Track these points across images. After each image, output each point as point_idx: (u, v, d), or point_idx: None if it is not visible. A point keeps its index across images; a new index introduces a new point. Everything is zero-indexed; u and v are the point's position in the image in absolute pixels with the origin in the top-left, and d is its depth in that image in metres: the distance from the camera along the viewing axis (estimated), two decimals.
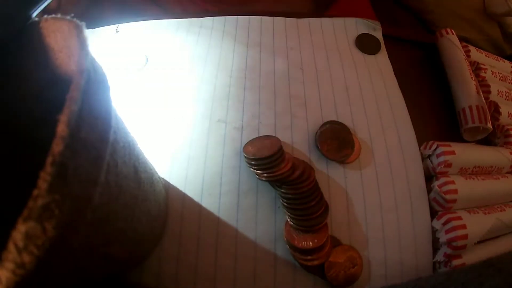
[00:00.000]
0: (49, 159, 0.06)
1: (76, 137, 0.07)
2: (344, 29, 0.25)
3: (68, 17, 0.11)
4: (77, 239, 0.09)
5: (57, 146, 0.06)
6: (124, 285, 0.17)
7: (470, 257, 0.18)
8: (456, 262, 0.17)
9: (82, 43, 0.09)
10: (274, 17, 0.24)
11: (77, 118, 0.07)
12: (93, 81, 0.08)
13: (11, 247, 0.06)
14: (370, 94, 0.22)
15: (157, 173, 0.17)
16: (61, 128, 0.06)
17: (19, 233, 0.06)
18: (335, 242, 0.18)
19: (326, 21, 0.25)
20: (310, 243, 0.17)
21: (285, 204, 0.17)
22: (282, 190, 0.17)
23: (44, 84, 0.13)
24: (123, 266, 0.15)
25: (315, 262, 0.17)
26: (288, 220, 0.17)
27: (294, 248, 0.17)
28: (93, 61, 0.09)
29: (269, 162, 0.17)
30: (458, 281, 0.15)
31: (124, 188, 0.11)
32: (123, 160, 0.11)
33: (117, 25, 0.24)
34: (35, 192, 0.06)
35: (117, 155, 0.10)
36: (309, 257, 0.17)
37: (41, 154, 0.07)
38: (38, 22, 0.12)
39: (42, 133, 0.12)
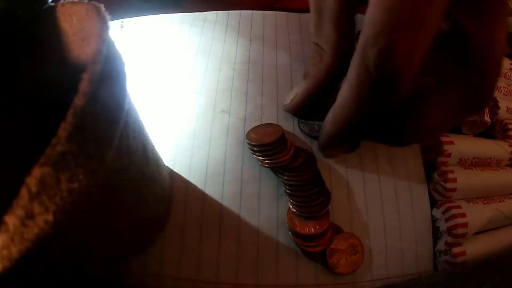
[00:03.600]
0: (71, 111, 0.07)
1: (96, 96, 0.07)
2: None
3: (86, 0, 0.11)
4: (88, 204, 0.09)
5: (79, 101, 0.07)
6: (124, 285, 0.17)
7: (471, 247, 0.18)
8: (456, 250, 0.17)
9: (102, 19, 0.09)
10: (277, 12, 0.24)
11: (99, 77, 0.07)
12: (112, 53, 0.09)
13: (23, 192, 0.06)
14: None
15: (162, 160, 0.18)
16: (84, 85, 0.07)
17: (33, 178, 0.06)
18: (337, 230, 0.18)
19: None
20: (312, 229, 0.17)
21: (287, 191, 0.18)
22: (284, 177, 0.18)
23: (58, 68, 0.13)
24: (126, 248, 0.16)
25: (317, 249, 0.17)
26: (291, 206, 0.18)
27: (296, 234, 0.17)
28: (111, 44, 0.10)
29: (272, 148, 0.17)
30: (458, 280, 0.15)
31: (134, 161, 0.11)
32: (133, 135, 0.11)
33: (121, 20, 0.25)
34: (54, 140, 0.06)
35: (129, 128, 0.10)
36: (311, 244, 0.17)
37: (47, 141, 0.07)
38: (54, 7, 0.12)
39: (51, 120, 0.12)
